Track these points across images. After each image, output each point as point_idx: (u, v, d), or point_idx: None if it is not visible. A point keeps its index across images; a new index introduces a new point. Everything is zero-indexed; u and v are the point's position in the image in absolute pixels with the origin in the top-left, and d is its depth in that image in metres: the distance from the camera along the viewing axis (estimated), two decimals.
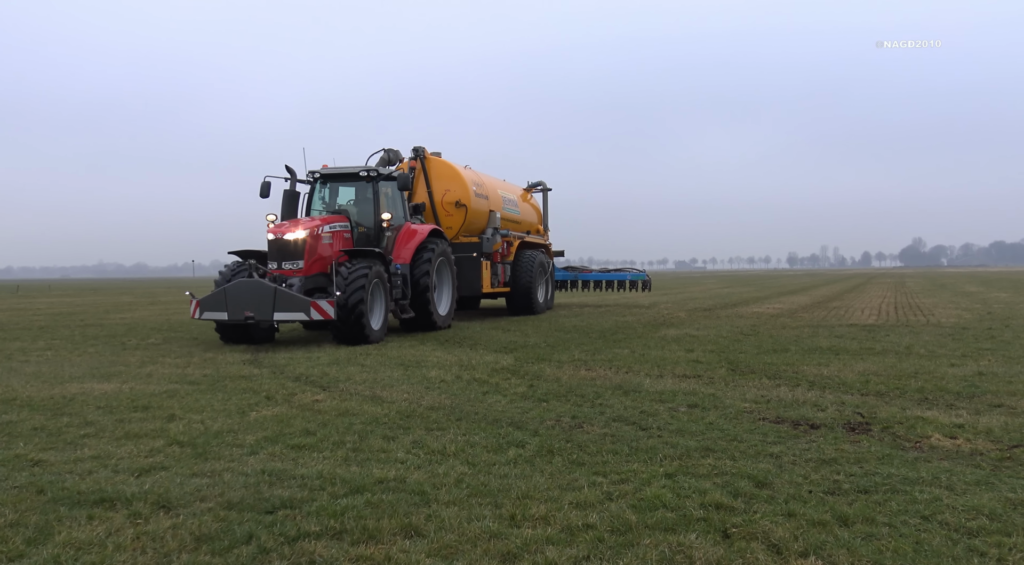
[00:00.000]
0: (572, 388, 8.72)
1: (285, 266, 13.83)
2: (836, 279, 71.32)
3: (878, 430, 6.50)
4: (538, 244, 23.55)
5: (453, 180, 19.24)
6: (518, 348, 12.94)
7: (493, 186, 21.12)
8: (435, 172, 19.24)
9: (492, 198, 20.59)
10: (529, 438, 6.29)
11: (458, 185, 19.20)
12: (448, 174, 19.29)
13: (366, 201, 15.56)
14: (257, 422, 7.06)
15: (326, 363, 11.19)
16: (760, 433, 6.42)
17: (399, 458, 5.74)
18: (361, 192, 15.68)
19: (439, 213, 19.09)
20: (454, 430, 6.63)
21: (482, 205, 19.83)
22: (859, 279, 69.53)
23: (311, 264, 13.90)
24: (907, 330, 15.38)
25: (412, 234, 15.91)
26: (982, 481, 5.03)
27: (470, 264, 19.13)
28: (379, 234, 15.30)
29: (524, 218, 23.07)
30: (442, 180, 19.21)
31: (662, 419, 7.01)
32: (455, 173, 19.33)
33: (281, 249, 13.87)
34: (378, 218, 15.30)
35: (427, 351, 12.63)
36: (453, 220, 19.15)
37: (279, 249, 13.90)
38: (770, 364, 10.53)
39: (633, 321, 18.74)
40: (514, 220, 22.07)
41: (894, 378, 9.17)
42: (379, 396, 8.37)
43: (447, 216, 19.15)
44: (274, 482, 5.16)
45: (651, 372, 9.93)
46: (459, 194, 19.13)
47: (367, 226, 15.38)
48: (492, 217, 20.26)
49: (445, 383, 9.23)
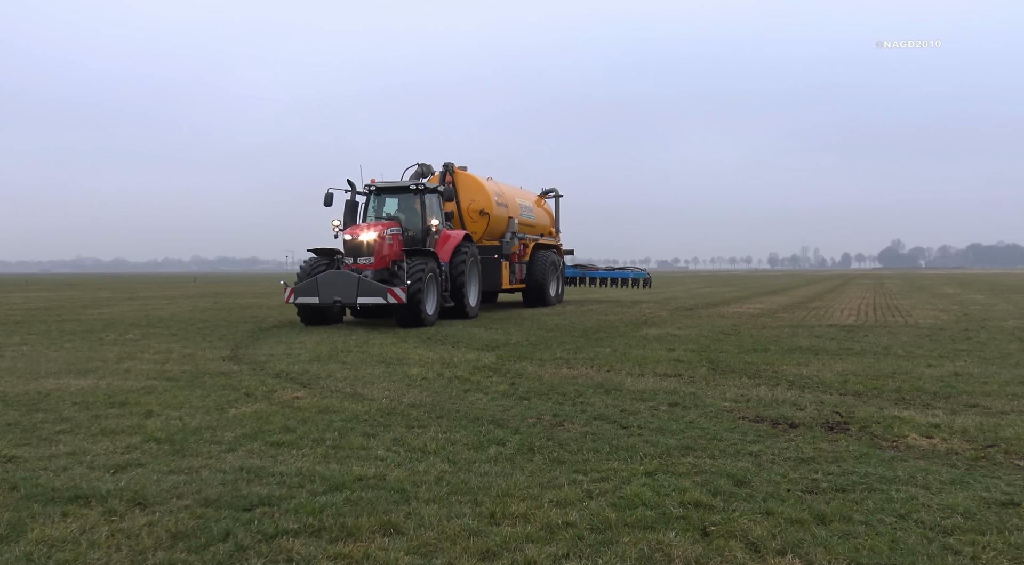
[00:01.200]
0: (553, 386, 8.73)
1: (360, 261, 16.81)
2: (816, 280, 71.94)
3: (856, 429, 6.55)
4: (551, 245, 26.15)
5: (478, 191, 21.96)
6: (500, 346, 12.93)
7: (512, 195, 23.90)
8: (462, 184, 21.94)
9: (511, 206, 23.25)
10: (510, 436, 6.29)
11: (482, 196, 21.93)
12: (473, 186, 22.02)
13: (413, 210, 18.57)
14: (236, 419, 7.01)
15: (307, 360, 11.14)
16: (740, 432, 6.46)
17: (379, 456, 5.72)
18: (410, 202, 18.70)
19: (465, 220, 21.76)
20: (435, 428, 6.62)
21: (502, 212, 22.51)
22: (839, 280, 70.16)
23: (379, 260, 16.89)
24: (885, 331, 15.53)
25: (448, 238, 18.83)
26: (957, 480, 5.09)
27: (492, 264, 21.70)
28: (424, 237, 18.29)
29: (538, 222, 25.70)
30: (468, 191, 21.90)
31: (643, 418, 7.03)
32: (479, 185, 22.06)
33: (356, 248, 16.92)
34: (425, 224, 18.32)
35: (409, 349, 12.60)
36: (477, 226, 21.84)
37: (354, 248, 16.94)
38: (750, 363, 10.60)
39: (615, 320, 18.79)
40: (529, 224, 24.63)
41: (872, 378, 9.25)
42: (360, 393, 8.34)
43: (472, 223, 21.81)
44: (252, 479, 5.13)
45: (632, 371, 9.96)
46: (483, 204, 21.86)
47: (414, 231, 18.34)
48: (511, 223, 22.84)
49: (427, 381, 9.21)
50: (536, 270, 24.10)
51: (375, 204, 18.84)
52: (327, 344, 13.26)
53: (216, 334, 15.33)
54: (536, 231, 25.36)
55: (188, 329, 16.52)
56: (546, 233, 26.50)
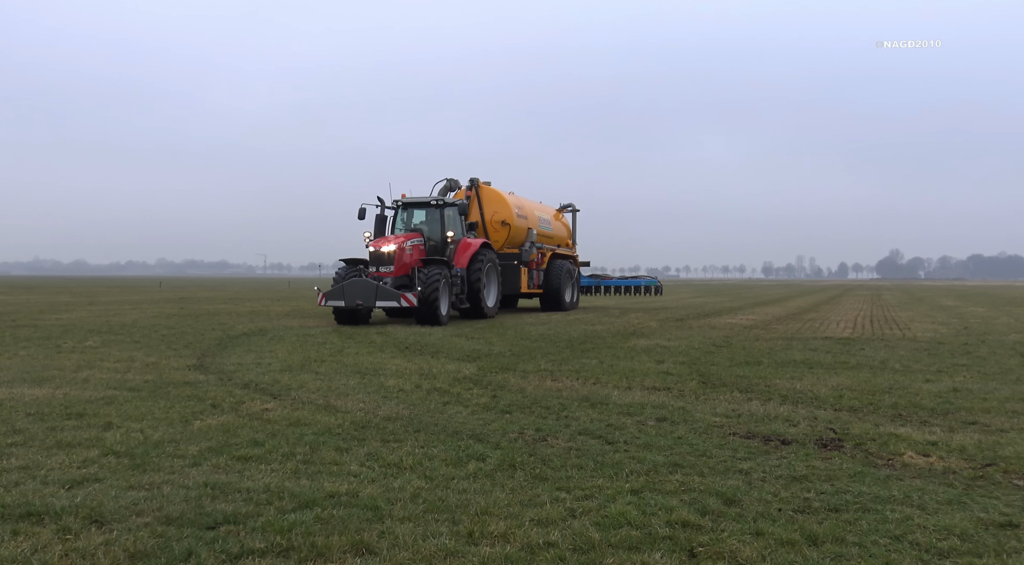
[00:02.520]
0: (537, 399, 8.73)
1: (381, 270, 20.45)
2: (812, 290, 72.49)
3: (850, 447, 6.60)
4: (567, 255, 29.91)
5: (500, 205, 25.73)
6: (482, 357, 12.93)
7: (531, 208, 27.61)
8: (486, 198, 25.80)
9: (530, 218, 27.04)
10: (490, 451, 6.29)
11: (504, 209, 25.65)
12: (496, 199, 25.79)
13: (435, 222, 22.24)
14: (201, 432, 6.96)
15: (277, 370, 11.08)
16: (730, 448, 6.49)
17: (352, 471, 5.70)
18: (432, 215, 22.40)
19: (488, 230, 25.53)
20: (411, 442, 6.61)
21: (522, 224, 26.25)
22: (835, 291, 70.74)
23: (398, 268, 20.50)
24: (882, 344, 15.67)
25: (468, 246, 22.42)
26: (954, 500, 5.13)
27: (512, 270, 25.60)
28: (444, 246, 21.92)
29: (556, 233, 29.41)
30: (491, 204, 25.72)
31: (629, 433, 7.05)
32: (502, 199, 25.80)
33: (378, 258, 20.62)
34: (444, 235, 21.90)
35: (386, 358, 12.57)
36: (499, 236, 25.60)
37: (376, 258, 20.65)
38: (742, 377, 10.66)
39: (602, 330, 18.84)
40: (547, 235, 28.37)
41: (868, 393, 9.33)
42: (333, 405, 8.32)
43: (495, 232, 25.61)
44: (217, 496, 5.09)
45: (619, 384, 9.99)
46: (504, 215, 25.60)
47: (436, 240, 22.01)
48: (530, 233, 26.62)
49: (404, 392, 9.20)
50: (552, 277, 27.58)
51: (403, 217, 22.68)
52: (299, 353, 13.21)
53: (182, 342, 15.22)
54: (553, 242, 29.02)
55: (152, 336, 16.39)
56: (563, 244, 30.08)
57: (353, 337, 16.46)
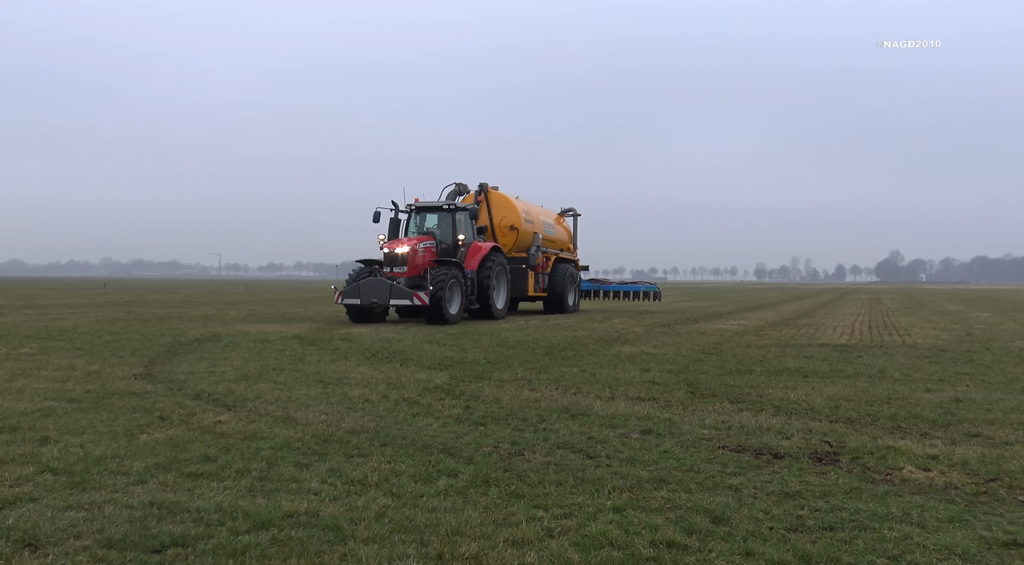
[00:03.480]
0: (513, 411, 8.75)
1: (395, 270, 23.15)
2: (807, 294, 73.18)
3: (847, 461, 6.67)
4: (569, 259, 32.33)
5: (508, 209, 28.18)
6: (454, 365, 12.93)
7: (537, 213, 30.06)
8: (495, 203, 28.23)
9: (536, 222, 29.45)
10: (462, 466, 6.29)
11: (512, 213, 28.07)
12: (504, 204, 28.28)
13: (447, 226, 24.99)
14: (147, 446, 6.89)
15: (232, 379, 11.01)
16: (719, 463, 6.53)
17: (313, 489, 5.68)
18: (444, 219, 25.18)
19: (497, 234, 27.99)
20: (377, 457, 6.60)
21: (529, 228, 28.74)
22: (832, 294, 71.47)
23: (411, 269, 23.13)
24: (881, 351, 15.85)
25: (478, 249, 24.99)
26: (956, 518, 5.20)
27: (520, 273, 28.01)
28: (455, 249, 24.52)
29: (558, 238, 31.97)
30: (500, 209, 28.20)
31: (612, 446, 7.08)
32: (510, 204, 28.27)
33: (392, 259, 23.31)
34: (455, 238, 24.56)
35: (351, 366, 12.53)
36: (507, 240, 27.99)
37: (391, 260, 23.33)
38: (733, 386, 10.74)
39: (584, 336, 18.90)
40: (551, 239, 30.86)
41: (866, 404, 9.43)
42: (293, 417, 8.28)
43: (503, 236, 28.00)
44: (164, 516, 5.04)
45: (602, 394, 10.03)
46: (512, 220, 28.00)
47: (448, 243, 24.70)
48: (536, 238, 28.89)
49: (369, 403, 9.18)
50: (557, 281, 30.04)
51: (416, 220, 25.39)
52: (257, 361, 13.12)
53: (127, 349, 15.07)
54: (556, 246, 31.59)
55: (95, 342, 16.20)
56: (565, 248, 32.67)
57: (316, 344, 16.38)
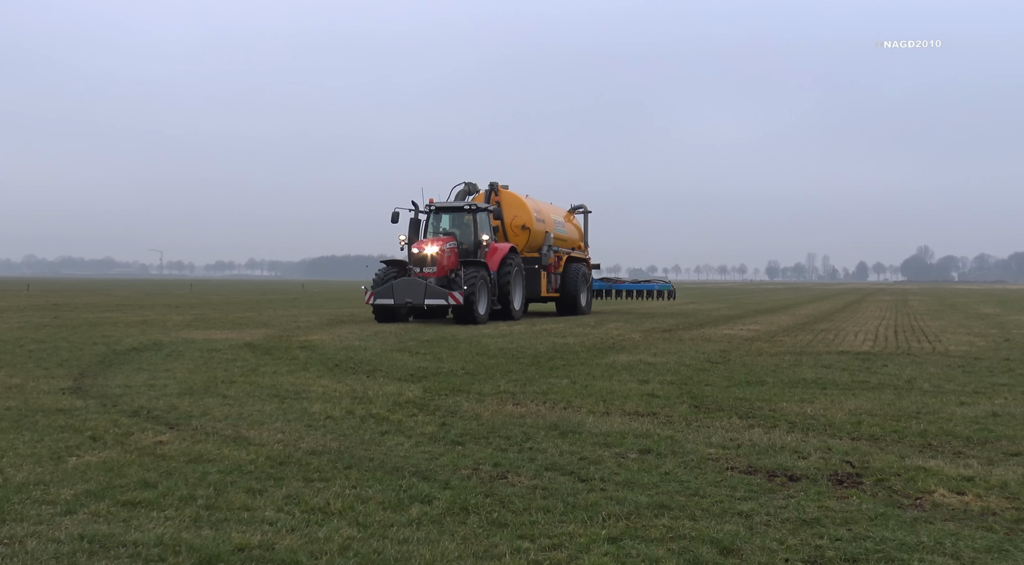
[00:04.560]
0: (495, 428, 8.76)
1: (425, 270, 25.86)
2: (825, 295, 73.60)
3: (871, 483, 6.70)
4: (581, 259, 35.00)
5: (520, 208, 30.75)
6: (429, 376, 12.92)
7: (547, 211, 32.72)
8: (505, 202, 30.78)
9: (547, 221, 32.06)
10: (438, 492, 6.29)
11: (524, 213, 30.68)
12: (516, 203, 30.85)
13: (466, 226, 28.07)
14: (77, 471, 6.85)
15: (175, 393, 10.95)
16: (727, 486, 6.54)
17: (267, 518, 5.66)
18: (463, 220, 28.23)
19: (508, 234, 30.50)
20: (341, 481, 6.58)
21: (541, 227, 31.34)
22: (853, 296, 71.91)
23: (440, 269, 25.84)
24: (909, 359, 15.96)
25: (497, 250, 28.00)
26: (994, 547, 5.23)
27: (532, 274, 30.55)
28: (476, 250, 27.51)
29: (569, 236, 34.73)
30: (511, 208, 30.75)
31: (607, 468, 7.08)
32: (521, 203, 30.90)
33: (421, 259, 26.10)
34: (477, 239, 27.63)
35: (311, 378, 12.49)
36: (519, 240, 30.49)
37: (420, 260, 26.10)
38: (742, 400, 10.78)
39: (574, 343, 18.92)
40: (562, 238, 33.50)
41: (892, 419, 9.49)
42: (244, 437, 8.26)
43: (515, 236, 30.49)
44: (96, 551, 5.01)
45: (595, 408, 10.05)
46: (524, 219, 30.60)
47: (467, 244, 27.66)
48: (547, 237, 31.53)
49: (332, 420, 9.17)
50: (569, 281, 32.62)
51: (433, 221, 28.33)
52: (203, 372, 13.06)
53: (54, 359, 14.95)
54: (568, 245, 34.21)
55: (16, 352, 16.06)
56: (576, 247, 35.34)
57: (271, 353, 16.32)
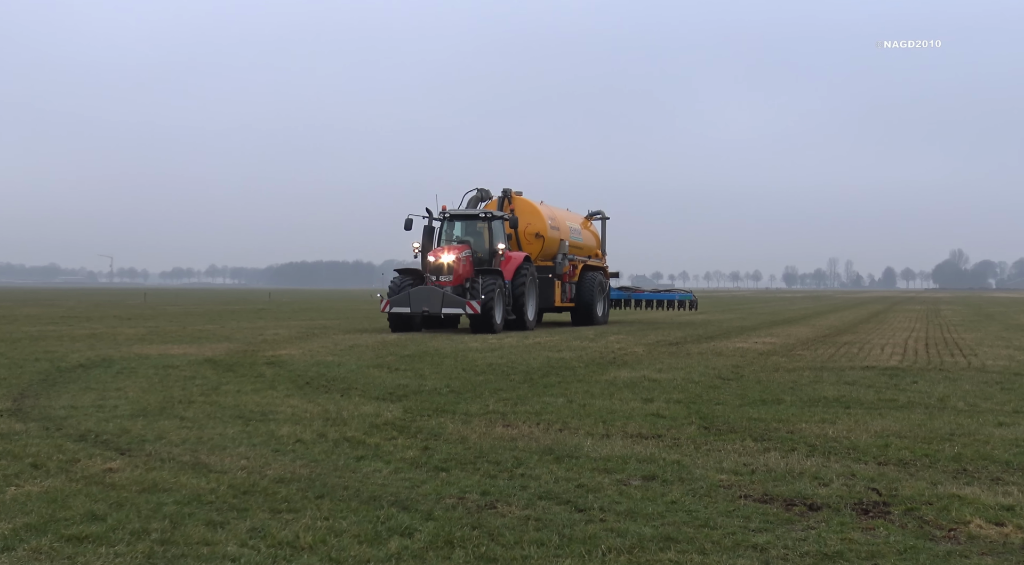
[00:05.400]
0: (483, 452, 8.75)
1: (441, 279, 28.27)
2: (848, 304, 73.79)
3: (899, 513, 6.70)
4: (597, 267, 37.52)
5: (533, 216, 33.12)
6: (410, 395, 12.90)
7: (562, 218, 35.24)
8: (519, 209, 33.13)
9: (562, 229, 34.46)
10: (420, 523, 6.27)
11: (537, 220, 33.08)
12: (529, 210, 33.23)
13: (480, 234, 30.27)
14: (16, 502, 6.81)
15: (127, 415, 10.91)
16: (740, 516, 6.54)
17: (229, 554, 5.65)
18: (478, 228, 30.45)
19: (522, 242, 32.83)
20: (312, 512, 6.56)
21: (555, 235, 33.69)
22: (879, 305, 72.15)
23: (456, 278, 28.31)
24: (941, 375, 15.99)
25: (511, 259, 30.29)
26: None
27: (546, 283, 32.74)
28: (491, 258, 29.87)
29: (586, 244, 37.14)
30: (524, 215, 32.92)
31: (607, 496, 7.07)
32: (535, 210, 33.31)
33: (437, 268, 28.50)
34: (492, 247, 29.97)
35: (278, 398, 12.46)
36: (532, 248, 32.80)
37: (436, 268, 28.54)
38: (757, 420, 10.79)
39: (571, 358, 18.92)
40: (578, 246, 35.85)
41: (922, 441, 9.50)
42: (204, 463, 8.23)
43: (528, 245, 32.84)
44: None
45: (594, 430, 10.04)
46: (538, 227, 32.98)
47: (481, 253, 29.95)
48: (562, 245, 33.90)
49: (302, 444, 9.15)
50: (584, 290, 34.94)
51: (448, 228, 30.60)
52: (159, 392, 13.01)
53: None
54: (584, 253, 36.54)
55: None
56: (593, 255, 37.76)
57: (234, 369, 16.28)
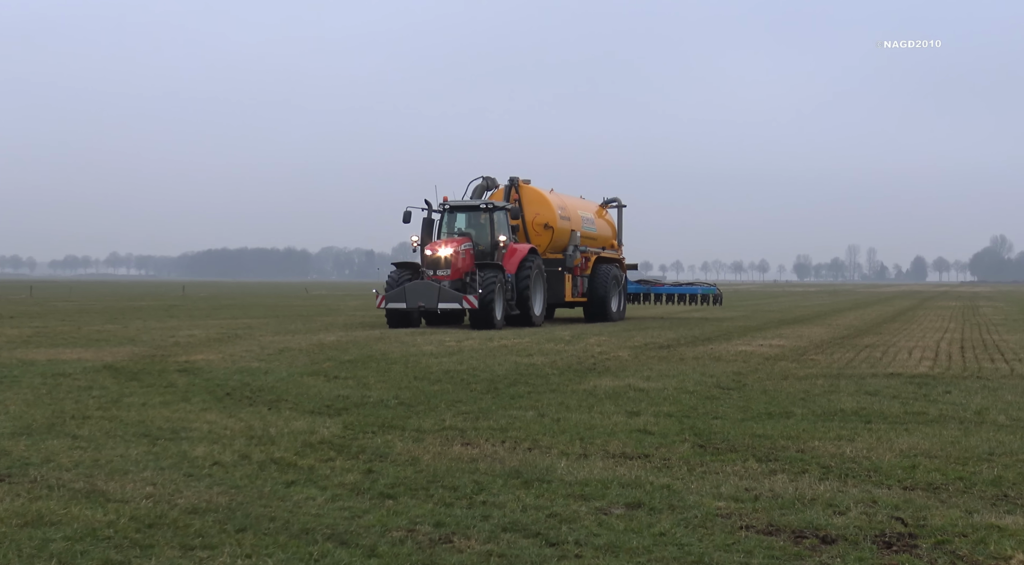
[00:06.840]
0: (437, 476, 8.74)
1: (438, 273, 31.03)
2: (871, 300, 74.27)
3: (928, 546, 6.74)
4: (613, 259, 40.64)
5: (542, 205, 36.21)
6: (350, 408, 12.87)
7: (574, 207, 38.28)
8: (527, 198, 36.14)
9: (573, 219, 37.36)
10: (361, 561, 6.27)
11: (546, 210, 36.13)
12: (538, 200, 36.33)
13: (482, 226, 33.20)
14: None
15: (7, 433, 10.81)
16: (741, 551, 6.56)
17: None
18: (480, 219, 33.35)
19: (530, 233, 35.85)
20: (231, 548, 6.54)
21: (565, 226, 36.52)
22: (907, 301, 72.65)
23: (454, 272, 31.06)
24: (979, 384, 16.12)
25: (515, 251, 33.09)
26: None
27: (555, 277, 35.50)
28: (493, 251, 32.57)
29: (600, 234, 40.17)
30: (533, 205, 36.07)
31: (584, 528, 7.07)
32: (544, 199, 36.37)
33: (434, 262, 31.35)
34: (494, 240, 32.74)
35: (193, 412, 12.36)
36: (541, 239, 35.78)
37: (433, 262, 31.37)
38: (761, 437, 10.83)
39: (543, 364, 18.92)
40: (591, 237, 38.82)
41: (956, 462, 9.56)
42: (102, 490, 8.18)
43: (536, 236, 35.84)
44: None
45: (569, 449, 10.04)
46: (547, 217, 35.98)
47: (484, 245, 32.82)
48: (573, 236, 36.70)
49: (220, 467, 9.11)
50: (598, 284, 37.73)
51: (448, 220, 33.47)
52: (47, 404, 12.88)
53: None
54: (597, 244, 39.42)
55: None
56: (608, 246, 40.75)
57: (139, 378, 16.14)
